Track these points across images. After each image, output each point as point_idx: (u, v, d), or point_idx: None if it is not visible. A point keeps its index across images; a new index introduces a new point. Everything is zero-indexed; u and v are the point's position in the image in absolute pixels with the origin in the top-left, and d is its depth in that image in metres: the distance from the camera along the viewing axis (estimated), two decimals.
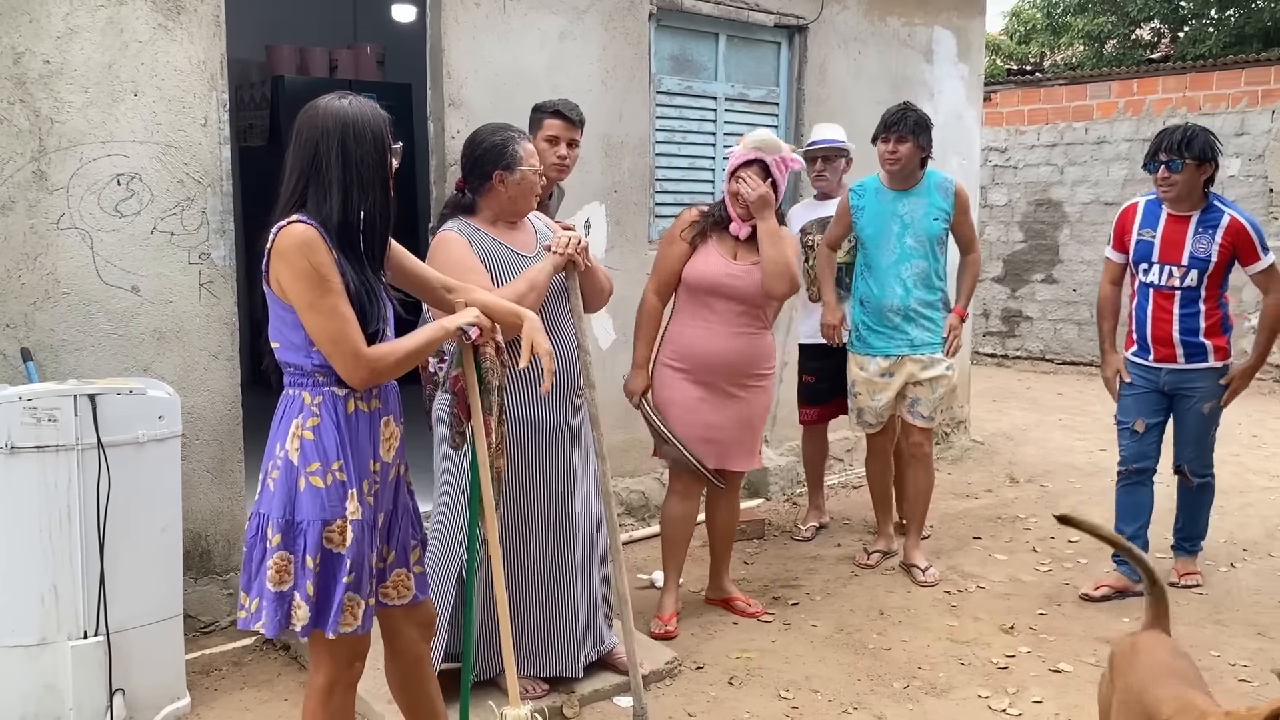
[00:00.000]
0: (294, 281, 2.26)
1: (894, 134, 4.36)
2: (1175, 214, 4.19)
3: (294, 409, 2.38)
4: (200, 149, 3.77)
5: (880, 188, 4.47)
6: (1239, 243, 4.13)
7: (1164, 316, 4.22)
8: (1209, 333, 4.19)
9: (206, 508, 3.89)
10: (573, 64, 4.83)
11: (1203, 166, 4.11)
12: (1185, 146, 4.07)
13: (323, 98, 2.38)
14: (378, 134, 2.35)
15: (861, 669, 3.73)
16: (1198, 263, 4.14)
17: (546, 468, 3.25)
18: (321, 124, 2.32)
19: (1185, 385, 4.26)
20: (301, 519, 2.32)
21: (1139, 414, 4.36)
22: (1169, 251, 4.20)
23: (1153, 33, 13.05)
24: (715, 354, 3.84)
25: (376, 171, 2.35)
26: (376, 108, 2.39)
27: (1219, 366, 4.23)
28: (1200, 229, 4.16)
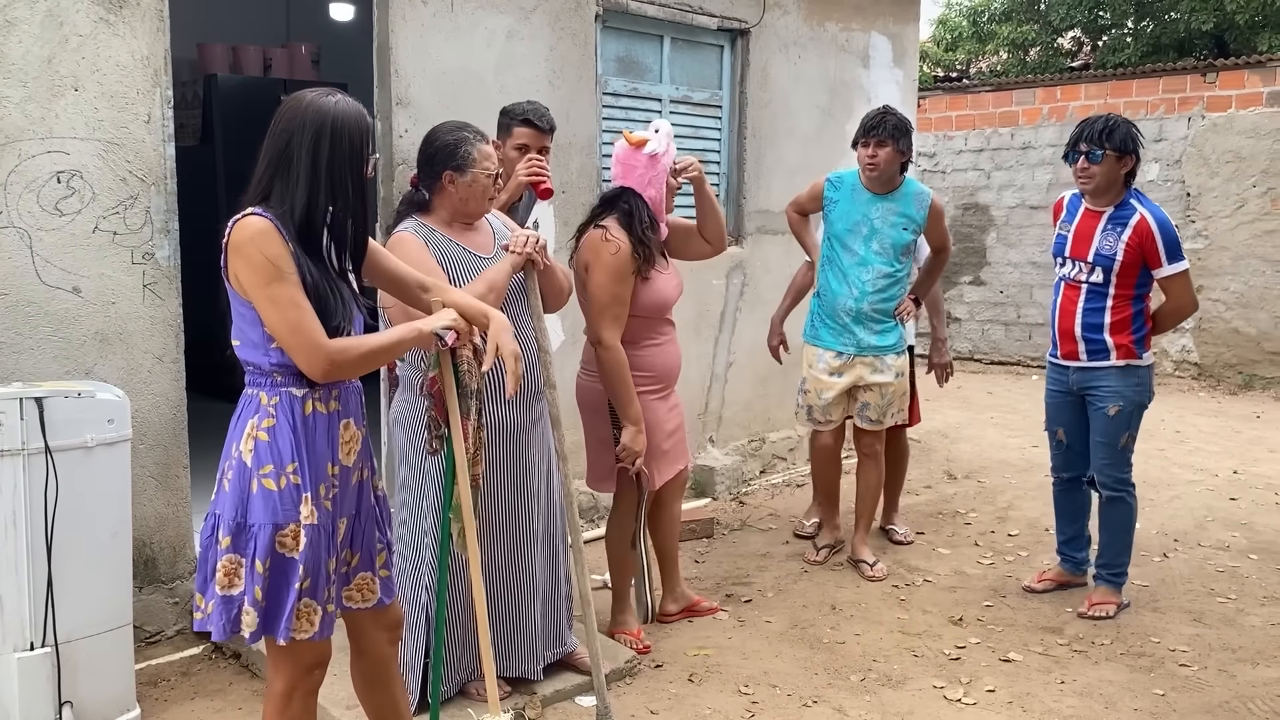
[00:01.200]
0: (250, 273, 2.22)
1: (873, 138, 4.37)
2: (1091, 208, 4.06)
3: (250, 409, 2.33)
4: (143, 146, 3.67)
5: (858, 186, 4.49)
6: (1144, 244, 3.93)
7: (1069, 309, 4.10)
8: (1113, 330, 4.02)
9: (151, 514, 3.79)
10: (521, 64, 4.82)
11: (1123, 159, 3.95)
12: (1106, 136, 3.92)
13: (309, 91, 2.34)
14: (355, 139, 2.31)
15: (818, 663, 3.77)
16: (1102, 260, 3.98)
17: (507, 470, 3.23)
18: (300, 118, 2.27)
19: (1090, 385, 4.10)
20: (253, 522, 2.28)
21: (1059, 422, 4.27)
22: (1078, 246, 4.07)
23: (1073, 41, 13.44)
24: (676, 360, 3.87)
25: (349, 176, 2.30)
26: (363, 112, 2.35)
27: (1122, 365, 4.03)
28: (1109, 226, 4.00)
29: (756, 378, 6.24)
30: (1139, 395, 4.08)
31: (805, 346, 4.67)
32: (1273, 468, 6.68)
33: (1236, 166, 9.30)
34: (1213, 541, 5.19)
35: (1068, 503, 4.40)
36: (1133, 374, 4.05)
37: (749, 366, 6.19)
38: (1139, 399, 4.08)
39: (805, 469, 6.37)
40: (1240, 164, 9.29)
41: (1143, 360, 4.06)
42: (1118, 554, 4.22)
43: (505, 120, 3.72)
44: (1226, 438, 7.59)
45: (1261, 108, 9.17)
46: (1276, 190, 9.14)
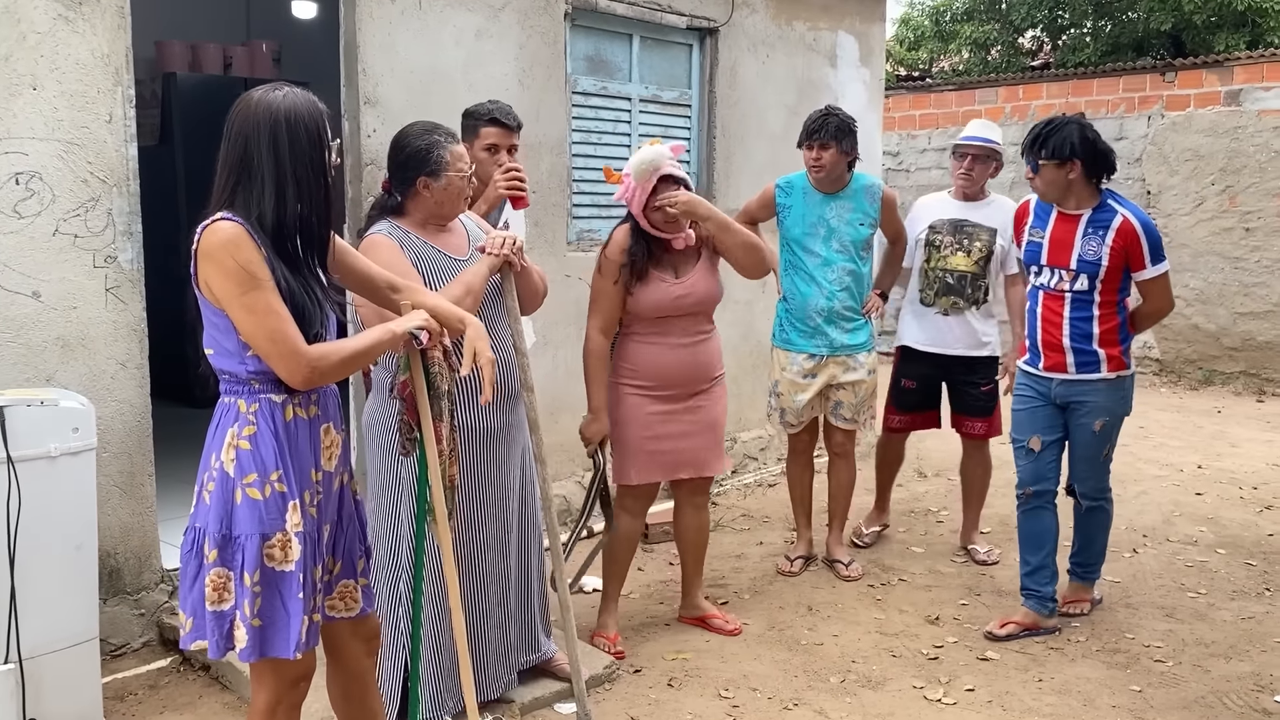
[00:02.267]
0: (223, 281, 2.15)
1: (816, 141, 4.35)
2: (1065, 212, 3.84)
3: (229, 418, 2.27)
4: (105, 147, 3.58)
5: (808, 188, 4.48)
6: (1130, 246, 3.74)
7: (1054, 320, 3.86)
8: (1103, 340, 3.81)
9: (116, 524, 3.70)
10: (490, 62, 4.76)
11: (1066, 165, 3.71)
12: (1040, 145, 3.74)
13: (256, 90, 2.27)
14: (313, 129, 2.24)
15: (797, 665, 3.76)
16: (1087, 266, 3.78)
17: (483, 474, 3.18)
18: (253, 118, 2.21)
19: (1076, 398, 3.89)
20: (239, 533, 2.22)
21: (1034, 430, 3.99)
22: (1057, 253, 3.85)
23: (1033, 41, 13.57)
24: (674, 366, 3.74)
25: (312, 169, 2.24)
26: (314, 101, 2.28)
27: (1112, 378, 3.85)
28: (1090, 229, 3.78)
29: (728, 378, 6.17)
30: (1122, 407, 3.94)
31: (775, 351, 4.63)
32: (1235, 462, 6.77)
33: (1195, 165, 9.43)
34: (1181, 536, 5.24)
35: (1035, 526, 4.03)
36: (1120, 386, 3.89)
37: None
38: (1123, 411, 3.95)
39: (777, 469, 6.38)
40: (1199, 162, 9.41)
41: (1130, 370, 3.93)
42: (1094, 554, 4.16)
43: (470, 122, 3.64)
44: (1189, 433, 7.68)
45: (1219, 107, 9.30)
46: (1234, 188, 9.27)
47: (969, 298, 4.66)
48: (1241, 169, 9.20)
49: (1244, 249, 9.27)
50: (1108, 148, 3.80)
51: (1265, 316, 9.21)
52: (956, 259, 4.66)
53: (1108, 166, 3.79)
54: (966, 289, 4.65)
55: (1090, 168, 3.74)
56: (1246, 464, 6.72)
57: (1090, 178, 3.77)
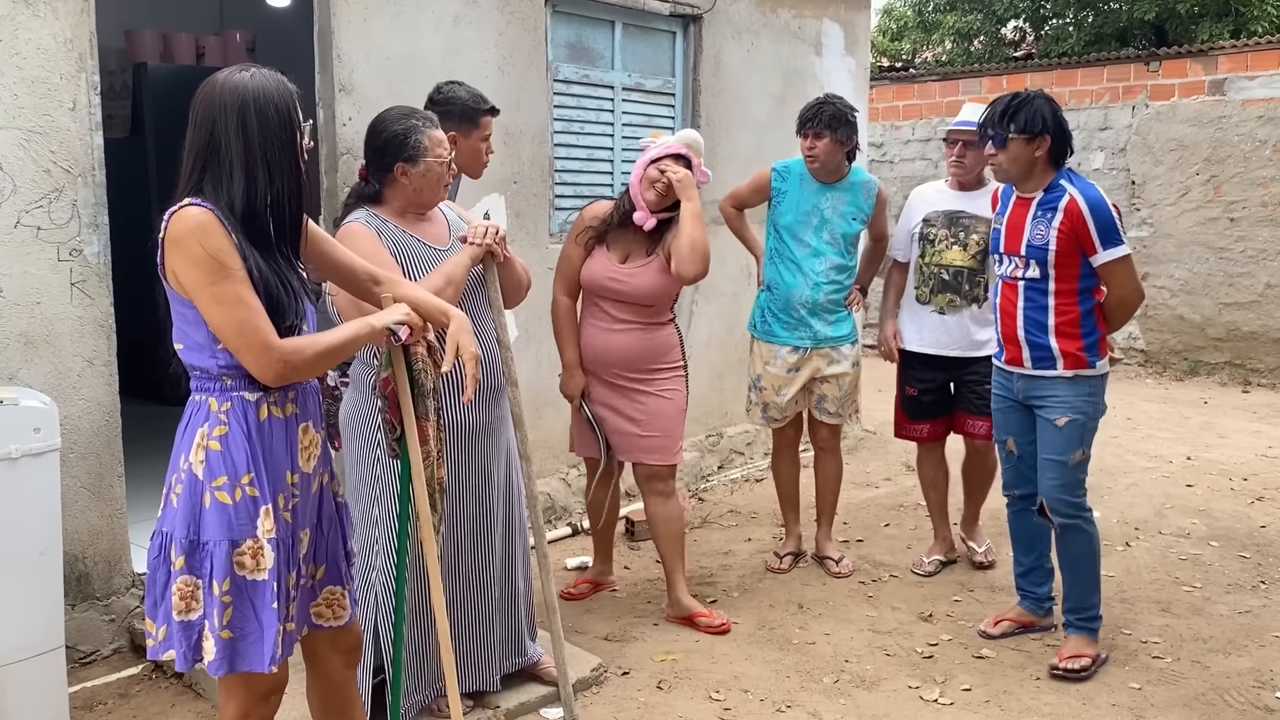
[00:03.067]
0: (190, 270, 2.03)
1: (810, 130, 4.25)
2: (1021, 195, 3.60)
3: (199, 417, 2.15)
4: (69, 135, 3.44)
5: (805, 175, 4.36)
6: (1076, 228, 3.44)
7: (1009, 310, 3.63)
8: (1059, 333, 3.52)
9: (84, 527, 3.57)
10: (469, 49, 4.63)
11: (1035, 140, 3.46)
12: (1010, 117, 3.47)
13: (221, 71, 2.15)
14: (283, 109, 2.13)
15: (789, 665, 3.66)
16: (1035, 251, 3.50)
17: (466, 472, 3.07)
18: (219, 100, 2.09)
19: (1036, 395, 3.62)
20: (207, 539, 2.11)
21: (1007, 430, 3.81)
22: (1011, 239, 3.61)
23: (1015, 31, 13.52)
24: (609, 350, 3.84)
25: (283, 151, 2.13)
26: (283, 81, 2.17)
27: (1068, 376, 3.54)
28: (1039, 212, 3.51)
29: (713, 372, 6.12)
30: (1091, 407, 3.58)
31: (756, 343, 4.51)
32: (1224, 453, 6.72)
33: (1180, 155, 9.38)
34: (1173, 529, 5.18)
35: (1024, 527, 3.86)
36: (1083, 384, 3.55)
37: (705, 360, 6.06)
38: (1092, 410, 3.59)
39: (763, 464, 6.29)
40: (1183, 152, 9.37)
41: (1095, 369, 3.55)
42: (1084, 594, 3.66)
43: (466, 110, 3.47)
44: (1176, 424, 7.64)
45: (1204, 96, 9.26)
46: (1219, 178, 9.23)
47: (966, 295, 4.32)
48: (1226, 159, 9.16)
49: (1229, 239, 9.24)
50: (1068, 125, 3.59)
51: (1250, 307, 9.18)
52: (952, 253, 4.33)
53: (1070, 146, 3.57)
54: (964, 285, 4.33)
55: (1058, 145, 3.50)
56: (1235, 455, 6.67)
57: (1054, 156, 3.51)
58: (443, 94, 3.50)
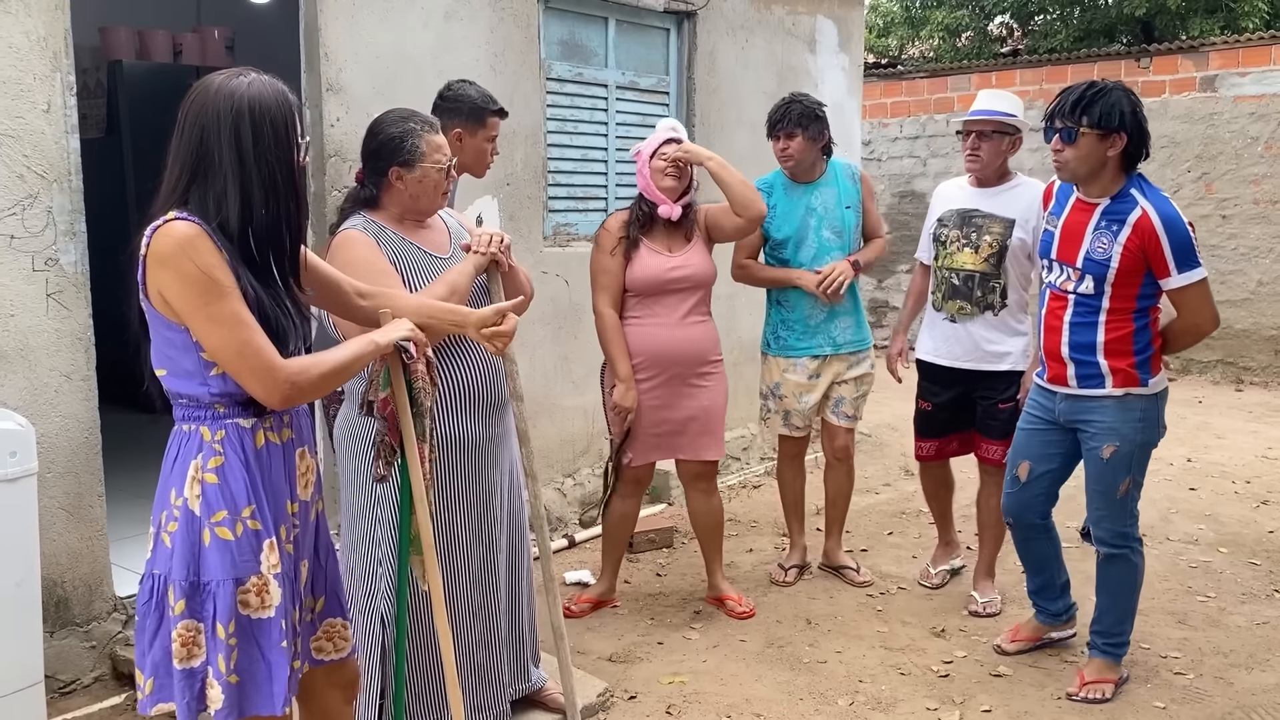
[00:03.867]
0: (181, 290, 1.87)
1: (781, 131, 4.15)
2: (1083, 199, 3.27)
3: (191, 448, 1.99)
4: (43, 139, 3.26)
5: (787, 183, 4.26)
6: (1147, 247, 3.10)
7: (1054, 324, 3.33)
8: (1109, 350, 3.22)
9: (63, 550, 3.39)
10: (460, 46, 4.48)
11: (1109, 137, 3.12)
12: (1083, 109, 3.12)
13: (217, 75, 1.99)
14: (280, 122, 1.96)
15: (801, 686, 3.53)
16: (1093, 266, 3.19)
17: (468, 490, 2.91)
18: (211, 107, 1.92)
19: (1081, 418, 3.32)
20: (209, 579, 1.95)
21: (1027, 454, 3.49)
22: (1066, 247, 3.28)
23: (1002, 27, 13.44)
24: (668, 346, 3.83)
25: (280, 169, 1.96)
26: (282, 90, 2.00)
27: (1119, 396, 3.23)
28: (1103, 223, 3.18)
29: None
30: (1143, 433, 3.27)
31: (770, 359, 4.35)
32: (1224, 455, 6.65)
33: (1171, 152, 9.32)
34: (1181, 535, 5.09)
35: (1031, 552, 3.65)
36: (1134, 406, 3.24)
37: None
38: (1143, 437, 3.27)
39: (759, 469, 6.18)
40: (1175, 149, 9.30)
41: (1148, 388, 3.25)
42: (1118, 620, 3.44)
43: (474, 108, 3.35)
44: (1173, 424, 7.42)
45: (1195, 93, 9.20)
46: (1210, 175, 9.18)
47: (978, 301, 3.98)
48: (1218, 155, 9.11)
49: (1220, 236, 9.18)
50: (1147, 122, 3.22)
51: (1242, 305, 9.13)
52: (963, 256, 4.01)
53: (1146, 146, 3.20)
54: (974, 291, 3.99)
55: (1134, 146, 3.16)
56: (1235, 456, 6.60)
57: (1126, 160, 3.18)
58: (453, 91, 3.40)
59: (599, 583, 4.21)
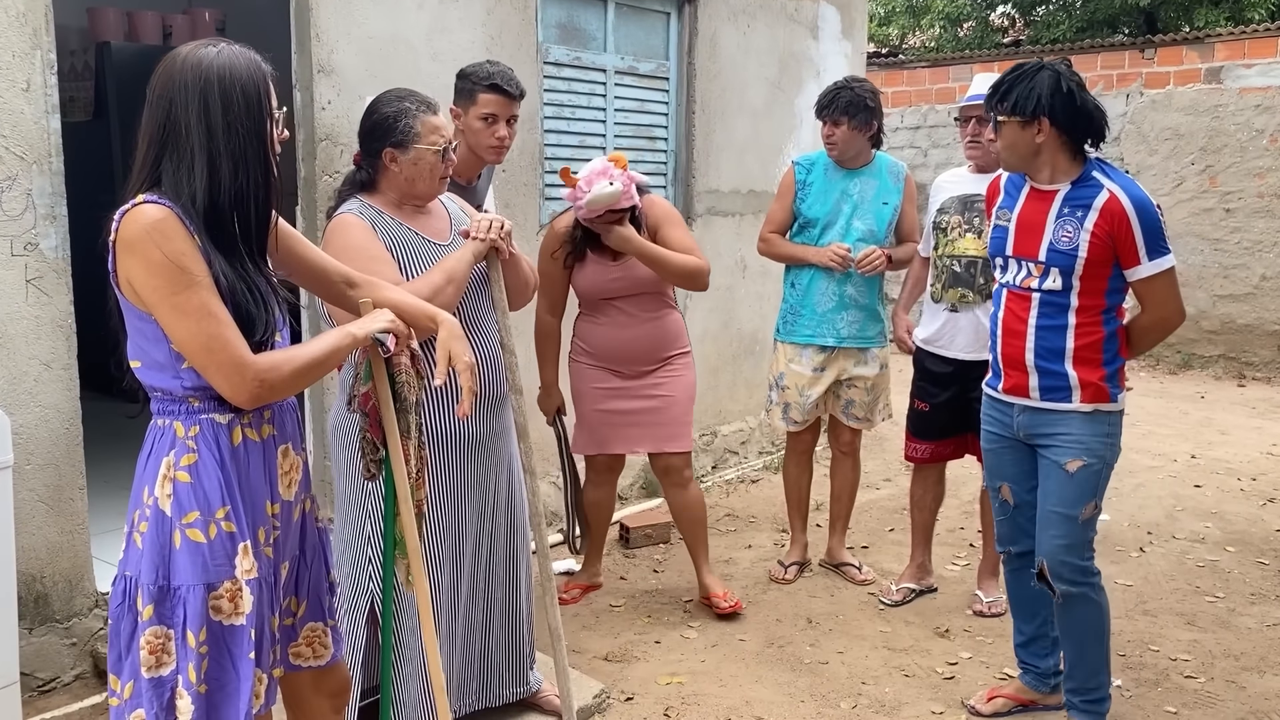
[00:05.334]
0: (149, 278, 1.77)
1: (827, 117, 4.04)
2: (1037, 188, 2.96)
3: (164, 444, 1.89)
4: (22, 118, 3.14)
5: (829, 164, 4.14)
6: (1117, 233, 2.81)
7: (1015, 329, 2.99)
8: (1079, 359, 2.91)
9: (42, 544, 3.28)
10: (455, 28, 4.35)
11: (1032, 124, 2.86)
12: (1001, 97, 2.90)
13: (185, 46, 1.88)
14: (252, 92, 1.85)
15: (802, 688, 3.44)
16: (1059, 258, 2.88)
17: (466, 488, 2.81)
18: (179, 79, 1.82)
19: (1042, 432, 2.98)
20: (179, 584, 1.85)
21: (1002, 476, 3.16)
22: (1024, 241, 2.96)
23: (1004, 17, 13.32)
24: (628, 343, 3.79)
25: (249, 140, 1.85)
26: (255, 60, 1.89)
27: (1086, 412, 2.92)
28: (1066, 209, 2.89)
29: (707, 368, 5.88)
30: (1109, 450, 2.97)
31: (781, 345, 4.27)
32: (1228, 451, 6.57)
33: (1175, 144, 9.23)
34: (1187, 533, 5.00)
35: (1024, 590, 3.22)
36: (1101, 422, 2.95)
37: (699, 356, 5.79)
38: (1108, 454, 2.97)
39: (758, 463, 6.09)
40: (1179, 141, 9.21)
41: (1116, 404, 2.98)
42: (1090, 672, 3.07)
43: (467, 85, 3.27)
44: (1176, 419, 7.48)
45: (1200, 84, 9.10)
46: (1215, 168, 9.08)
47: (980, 289, 3.81)
48: (1222, 148, 9.01)
49: (1224, 230, 9.09)
50: (1094, 104, 2.90)
51: (1245, 299, 9.05)
52: (965, 242, 3.84)
53: (1093, 129, 2.90)
54: (976, 279, 3.82)
55: (1068, 128, 2.87)
56: (1240, 453, 6.52)
57: (1069, 142, 2.89)
58: (467, 67, 3.34)
59: (583, 569, 4.20)
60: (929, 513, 4.24)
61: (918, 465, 4.19)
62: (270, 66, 1.92)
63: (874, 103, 4.04)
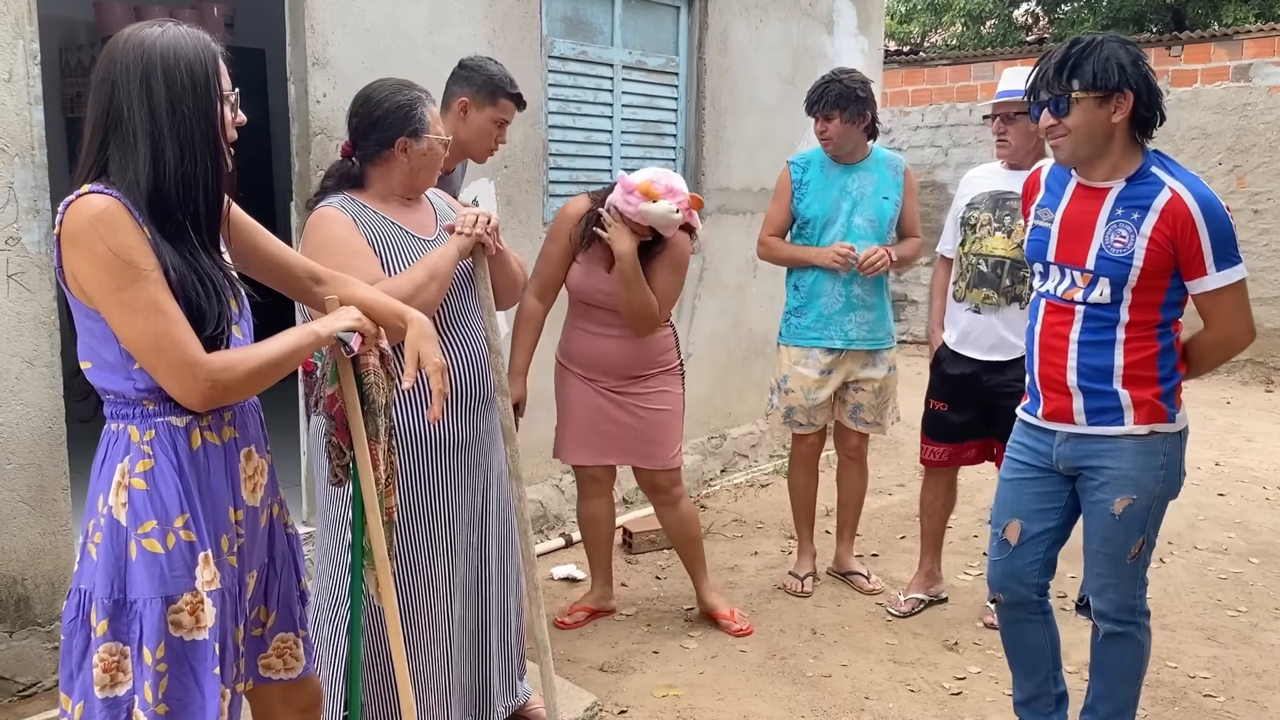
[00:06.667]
0: (94, 273, 1.68)
1: (819, 112, 3.92)
2: (1087, 184, 2.58)
3: (118, 450, 1.79)
4: (4, 109, 3.07)
5: (825, 161, 4.02)
6: (1180, 238, 2.44)
7: (1056, 345, 2.64)
8: (1130, 377, 2.56)
9: (23, 545, 3.21)
10: (456, 20, 4.26)
11: (1111, 99, 2.44)
12: (1072, 71, 2.46)
13: (129, 27, 1.78)
14: (198, 71, 1.75)
15: (804, 702, 3.32)
16: (1110, 267, 2.52)
17: (452, 496, 2.70)
18: (120, 60, 1.73)
19: (1088, 462, 2.64)
20: (135, 597, 1.75)
21: (1016, 511, 2.78)
22: (1069, 245, 2.60)
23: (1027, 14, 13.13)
24: (600, 356, 3.59)
25: (196, 122, 1.74)
26: (203, 39, 1.79)
27: (1142, 434, 2.58)
28: (1120, 211, 2.50)
29: (717, 370, 5.77)
30: (1164, 482, 2.61)
31: (785, 348, 4.11)
32: (1254, 459, 6.39)
33: (1202, 143, 9.02)
34: (1209, 544, 4.84)
35: (1021, 644, 2.89)
36: (1157, 449, 2.59)
37: (709, 357, 5.72)
38: (1164, 488, 2.62)
39: (768, 467, 5.97)
40: (1206, 140, 9.01)
41: (1175, 424, 2.61)
42: (1116, 711, 2.79)
43: (490, 85, 3.16)
44: (1200, 425, 7.27)
45: (1228, 82, 8.89)
46: (1243, 168, 8.88)
47: (1006, 291, 3.64)
48: (1250, 148, 8.80)
49: (1252, 231, 8.88)
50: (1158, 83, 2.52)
51: (1273, 303, 8.84)
52: (994, 241, 3.67)
53: (1160, 112, 2.53)
54: (1003, 280, 3.64)
55: (1148, 105, 2.48)
56: (1266, 460, 6.34)
57: (1136, 128, 2.50)
58: (475, 60, 3.25)
59: (590, 591, 3.96)
60: (939, 519, 4.12)
61: (929, 470, 4.06)
62: (222, 46, 1.82)
63: (865, 93, 3.90)
